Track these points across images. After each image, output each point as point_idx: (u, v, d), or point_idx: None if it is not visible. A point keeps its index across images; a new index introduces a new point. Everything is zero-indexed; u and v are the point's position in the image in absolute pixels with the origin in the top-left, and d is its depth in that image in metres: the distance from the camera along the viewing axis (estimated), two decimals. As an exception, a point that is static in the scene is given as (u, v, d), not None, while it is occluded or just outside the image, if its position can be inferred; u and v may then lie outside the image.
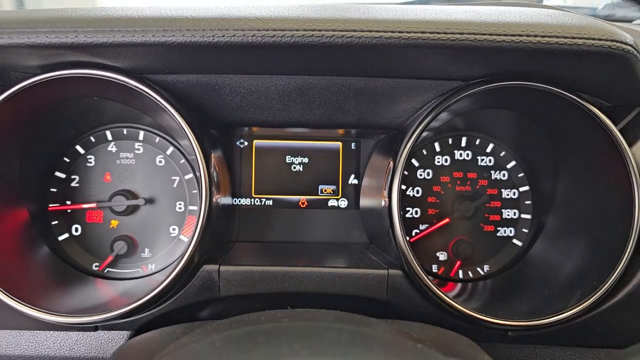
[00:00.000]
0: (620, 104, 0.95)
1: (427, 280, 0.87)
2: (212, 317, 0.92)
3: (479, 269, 1.14)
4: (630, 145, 0.89)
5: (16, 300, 0.83)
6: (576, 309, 0.86)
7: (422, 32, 0.74)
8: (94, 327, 0.92)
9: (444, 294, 0.86)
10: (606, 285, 0.86)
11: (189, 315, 0.92)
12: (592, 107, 0.89)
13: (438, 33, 0.74)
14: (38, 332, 0.93)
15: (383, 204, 0.94)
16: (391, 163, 0.93)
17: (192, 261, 0.87)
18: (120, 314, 0.85)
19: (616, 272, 0.86)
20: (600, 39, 0.75)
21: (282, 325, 0.57)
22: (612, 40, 0.75)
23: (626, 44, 0.76)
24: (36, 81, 0.83)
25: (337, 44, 0.74)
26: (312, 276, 0.90)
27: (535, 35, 0.75)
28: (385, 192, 0.93)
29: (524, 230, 1.15)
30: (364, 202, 1.13)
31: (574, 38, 0.75)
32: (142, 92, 0.86)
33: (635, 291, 0.87)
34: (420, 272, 0.87)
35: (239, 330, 0.56)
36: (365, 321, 0.62)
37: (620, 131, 0.91)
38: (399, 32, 0.74)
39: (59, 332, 0.93)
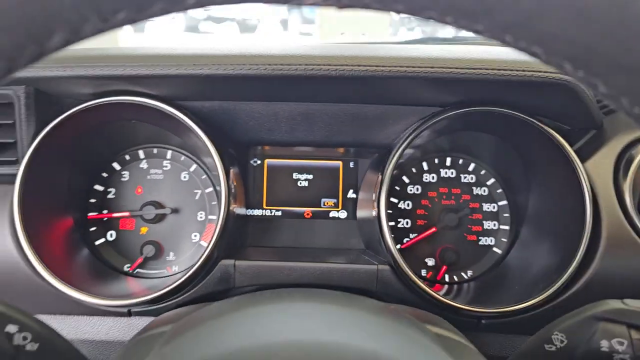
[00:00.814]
0: (577, 127, 1.11)
1: (410, 274, 1.02)
2: None
3: (462, 273, 1.29)
4: (582, 162, 1.05)
5: (67, 285, 1.00)
6: (536, 299, 1.00)
7: (400, 66, 0.92)
8: (128, 312, 1.08)
9: (423, 284, 1.02)
10: (561, 280, 1.01)
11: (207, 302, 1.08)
12: (549, 129, 1.06)
13: (413, 67, 0.92)
14: (79, 317, 1.10)
15: (374, 213, 1.11)
16: (380, 177, 1.10)
17: (211, 256, 1.04)
18: (150, 298, 1.01)
19: (569, 270, 1.01)
20: (546, 71, 0.92)
21: (285, 290, 0.73)
22: (556, 72, 0.93)
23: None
24: (88, 105, 1.02)
25: (332, 76, 0.93)
26: (313, 270, 1.06)
27: (493, 69, 0.92)
28: (375, 203, 1.10)
29: (502, 239, 1.30)
30: (360, 213, 1.29)
31: (524, 70, 0.92)
32: (174, 115, 1.04)
33: (585, 287, 1.01)
34: (404, 265, 1.03)
35: (248, 295, 0.72)
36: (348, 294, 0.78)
37: (576, 151, 1.07)
38: (383, 66, 0.93)
39: (98, 318, 1.10)
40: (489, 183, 1.31)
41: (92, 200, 1.26)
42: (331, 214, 1.32)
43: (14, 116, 1.03)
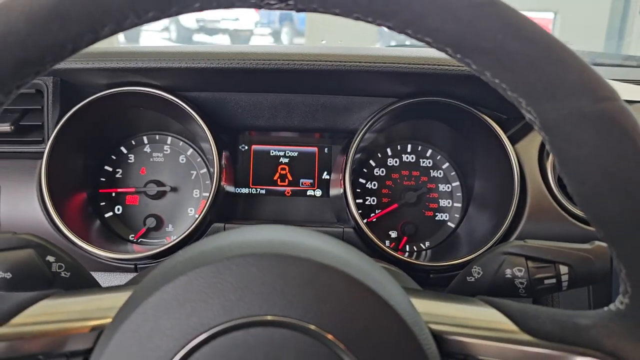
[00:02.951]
0: (512, 116, 1.33)
1: (369, 233, 1.24)
2: None
3: (421, 244, 1.50)
4: (513, 144, 1.27)
5: (84, 241, 1.20)
6: (473, 255, 1.21)
7: (359, 62, 1.14)
8: (134, 267, 1.28)
9: (381, 242, 1.23)
10: (493, 240, 1.22)
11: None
12: (486, 117, 1.28)
13: (369, 62, 1.14)
14: (93, 273, 1.29)
15: (342, 191, 1.33)
16: (344, 159, 1.32)
17: (204, 220, 1.25)
18: (153, 254, 1.21)
19: (500, 231, 1.22)
20: (476, 67, 1.14)
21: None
22: (484, 68, 1.15)
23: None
24: (104, 94, 1.24)
25: (304, 69, 1.15)
26: (290, 232, 1.27)
27: (434, 64, 1.15)
28: (342, 182, 1.32)
29: (456, 215, 1.51)
30: (332, 191, 1.51)
31: (458, 65, 1.14)
32: (175, 103, 1.26)
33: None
34: (365, 228, 1.24)
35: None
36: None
37: (509, 136, 1.29)
38: (345, 61, 1.15)
39: (108, 273, 1.30)
40: (444, 167, 1.53)
41: (103, 179, 1.47)
42: (308, 193, 1.54)
43: (42, 102, 1.24)
